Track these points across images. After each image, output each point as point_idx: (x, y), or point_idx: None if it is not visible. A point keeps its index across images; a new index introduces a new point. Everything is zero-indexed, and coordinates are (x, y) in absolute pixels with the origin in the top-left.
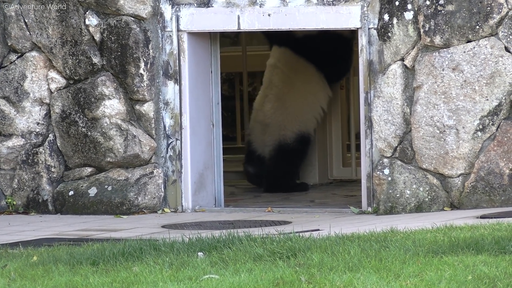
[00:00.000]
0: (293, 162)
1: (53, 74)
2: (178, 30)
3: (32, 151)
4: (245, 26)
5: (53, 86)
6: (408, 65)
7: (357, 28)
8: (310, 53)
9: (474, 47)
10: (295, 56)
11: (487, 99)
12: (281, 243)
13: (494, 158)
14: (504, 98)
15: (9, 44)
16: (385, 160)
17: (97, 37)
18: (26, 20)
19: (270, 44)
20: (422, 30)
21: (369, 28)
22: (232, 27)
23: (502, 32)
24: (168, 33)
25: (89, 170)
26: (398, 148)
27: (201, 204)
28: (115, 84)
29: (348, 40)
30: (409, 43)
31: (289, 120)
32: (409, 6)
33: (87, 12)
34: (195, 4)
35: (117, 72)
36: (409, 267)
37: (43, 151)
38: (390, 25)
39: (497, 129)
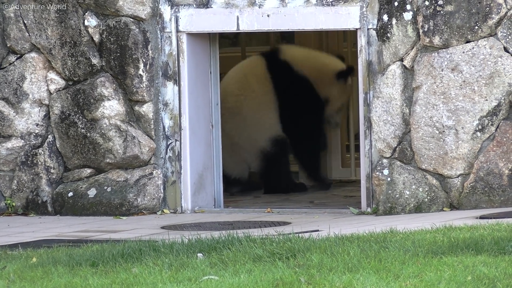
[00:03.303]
0: (281, 162)
1: (52, 75)
2: (177, 31)
3: (32, 153)
4: (244, 27)
5: (52, 87)
6: (407, 66)
7: (356, 29)
8: None
9: (473, 48)
10: None
11: (486, 100)
12: (281, 244)
13: (493, 158)
14: (503, 98)
15: (8, 45)
16: (385, 160)
17: (96, 38)
18: (25, 21)
19: None
20: (421, 31)
21: (368, 29)
22: (231, 27)
23: (501, 32)
24: (167, 34)
25: (88, 171)
26: (397, 148)
27: (200, 205)
28: (114, 85)
29: None
30: (408, 43)
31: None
32: (408, 7)
33: (86, 13)
34: (194, 5)
35: (116, 73)
36: (409, 267)
37: (42, 152)
38: (389, 26)
39: (496, 130)
